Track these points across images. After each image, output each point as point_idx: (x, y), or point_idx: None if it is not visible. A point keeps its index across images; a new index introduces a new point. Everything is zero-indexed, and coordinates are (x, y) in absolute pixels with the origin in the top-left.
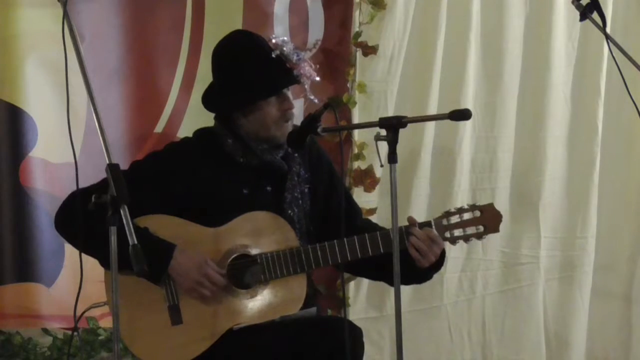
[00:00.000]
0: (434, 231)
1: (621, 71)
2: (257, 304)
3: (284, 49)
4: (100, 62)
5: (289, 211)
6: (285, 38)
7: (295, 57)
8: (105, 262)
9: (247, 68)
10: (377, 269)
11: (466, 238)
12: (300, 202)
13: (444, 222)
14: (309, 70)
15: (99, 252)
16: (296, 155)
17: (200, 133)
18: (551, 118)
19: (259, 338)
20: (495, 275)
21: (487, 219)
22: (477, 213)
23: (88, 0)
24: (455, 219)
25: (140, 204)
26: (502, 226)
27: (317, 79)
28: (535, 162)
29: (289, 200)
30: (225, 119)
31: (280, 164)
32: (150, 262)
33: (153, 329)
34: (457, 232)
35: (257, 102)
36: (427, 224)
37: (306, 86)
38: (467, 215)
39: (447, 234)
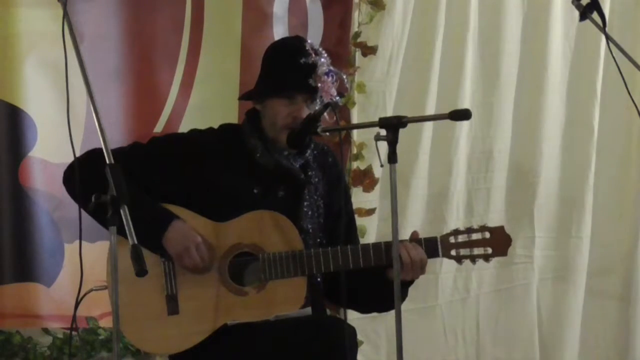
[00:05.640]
0: (426, 258)
1: (621, 71)
2: (254, 302)
3: (316, 58)
4: (100, 62)
5: (305, 220)
6: (321, 50)
7: (321, 70)
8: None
9: (272, 65)
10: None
11: (473, 258)
12: (316, 214)
13: (452, 239)
14: (329, 88)
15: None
16: (316, 167)
17: (225, 127)
18: (547, 118)
19: (252, 335)
20: (490, 274)
21: (496, 241)
22: (487, 234)
23: (88, 0)
24: (463, 238)
25: (150, 179)
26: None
27: (338, 99)
28: (531, 162)
29: (306, 211)
30: (254, 116)
31: (297, 171)
32: (151, 227)
33: (149, 317)
34: (464, 252)
35: (265, 97)
36: (432, 240)
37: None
38: (475, 236)
39: (453, 252)
